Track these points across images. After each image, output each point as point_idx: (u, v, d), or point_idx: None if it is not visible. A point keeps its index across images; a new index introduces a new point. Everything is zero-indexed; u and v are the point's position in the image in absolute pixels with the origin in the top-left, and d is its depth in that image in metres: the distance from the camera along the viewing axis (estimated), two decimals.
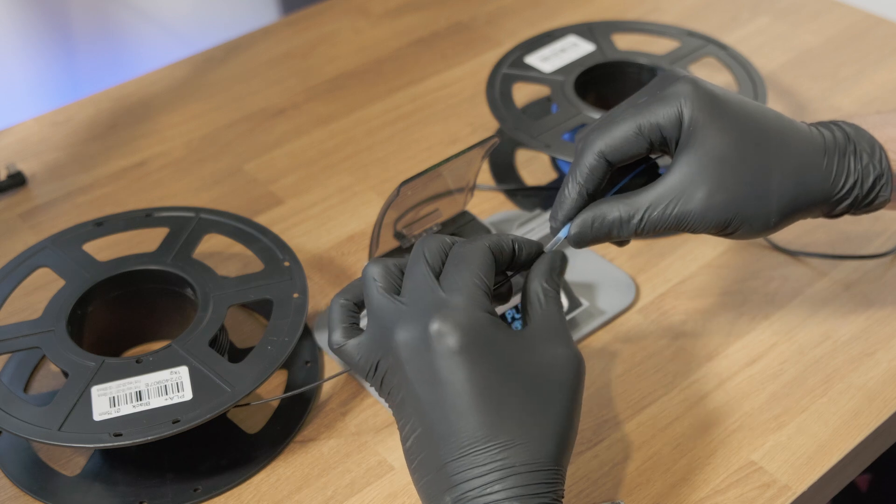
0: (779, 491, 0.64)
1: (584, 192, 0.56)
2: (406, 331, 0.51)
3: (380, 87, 1.03)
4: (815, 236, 0.82)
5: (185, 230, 0.75)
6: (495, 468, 0.49)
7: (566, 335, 0.53)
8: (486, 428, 0.50)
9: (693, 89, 0.55)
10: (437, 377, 0.50)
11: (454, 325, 0.50)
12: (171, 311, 0.74)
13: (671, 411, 0.69)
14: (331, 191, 0.90)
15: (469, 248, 0.53)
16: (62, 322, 0.68)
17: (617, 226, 0.56)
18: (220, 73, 1.06)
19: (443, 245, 0.54)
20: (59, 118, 1.01)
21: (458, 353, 0.50)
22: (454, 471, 0.50)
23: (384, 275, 0.54)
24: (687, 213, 0.55)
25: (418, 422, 0.51)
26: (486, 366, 0.50)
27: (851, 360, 0.72)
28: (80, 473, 0.67)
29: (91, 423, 0.62)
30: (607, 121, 0.56)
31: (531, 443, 0.50)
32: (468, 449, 0.50)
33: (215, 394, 0.63)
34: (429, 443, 0.51)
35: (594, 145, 0.56)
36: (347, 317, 0.56)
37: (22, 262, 0.73)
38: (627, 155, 0.56)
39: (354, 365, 0.54)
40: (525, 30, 1.09)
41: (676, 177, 0.55)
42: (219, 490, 0.65)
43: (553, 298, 0.54)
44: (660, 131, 0.55)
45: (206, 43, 1.11)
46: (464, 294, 0.51)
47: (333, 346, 0.55)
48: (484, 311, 0.51)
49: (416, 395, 0.51)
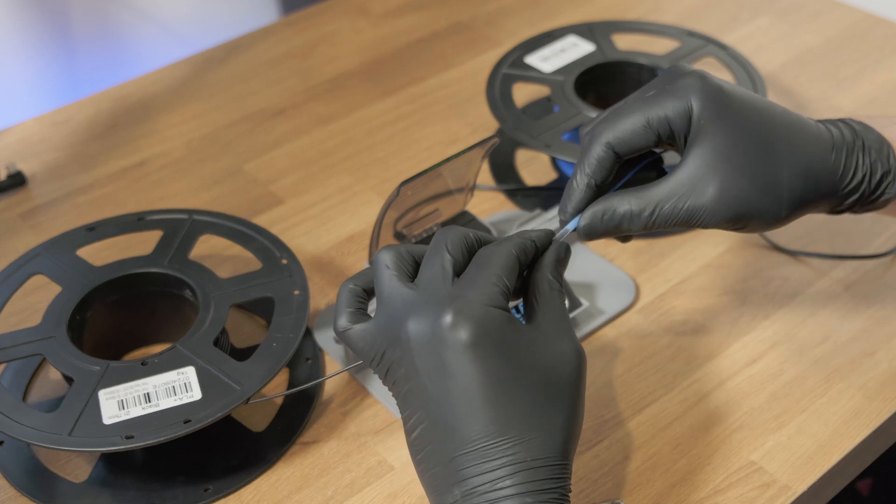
0: (779, 491, 0.64)
1: (593, 184, 0.56)
2: (418, 321, 0.51)
3: (380, 87, 1.03)
4: (815, 236, 0.82)
5: (180, 232, 0.75)
6: (505, 463, 0.49)
7: (570, 329, 0.53)
8: (496, 423, 0.49)
9: (702, 83, 0.55)
10: (448, 370, 0.50)
11: (467, 319, 0.50)
12: (171, 314, 0.74)
13: (671, 411, 0.69)
14: (331, 191, 0.90)
15: (496, 252, 0.53)
16: (62, 328, 0.68)
17: (628, 219, 0.55)
18: (220, 73, 1.06)
19: (465, 238, 0.54)
20: (59, 118, 1.01)
21: (470, 346, 0.50)
22: (463, 464, 0.50)
23: (396, 261, 0.54)
24: (699, 208, 0.54)
25: (425, 414, 0.51)
26: (497, 361, 0.50)
27: (851, 360, 0.72)
28: (88, 479, 0.67)
29: (101, 427, 0.62)
30: (615, 113, 0.56)
31: (541, 438, 0.50)
32: (478, 443, 0.49)
33: (224, 392, 0.64)
34: (436, 435, 0.50)
35: (602, 136, 0.55)
36: (355, 301, 0.55)
37: (16, 269, 0.73)
38: (635, 147, 0.55)
39: (358, 351, 0.54)
40: (525, 30, 1.09)
41: (687, 171, 0.55)
42: (230, 489, 0.65)
43: (558, 291, 0.54)
44: (668, 124, 0.55)
45: (206, 43, 1.11)
46: (479, 290, 0.51)
47: (338, 329, 0.54)
48: (497, 307, 0.51)
49: (424, 387, 0.51)
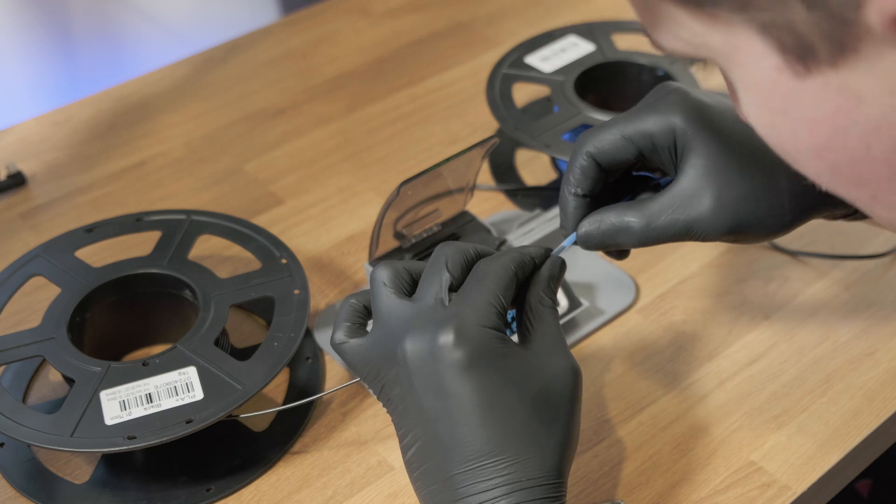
0: (779, 491, 0.64)
1: (579, 192, 0.56)
2: (415, 341, 0.51)
3: (380, 87, 1.03)
4: (815, 236, 0.82)
5: (178, 233, 0.75)
6: (501, 483, 0.49)
7: (565, 346, 0.53)
8: (492, 443, 0.50)
9: (682, 99, 0.55)
10: (445, 390, 0.50)
11: (464, 340, 0.50)
12: (170, 314, 0.74)
13: (671, 411, 0.69)
14: (331, 191, 0.90)
15: (493, 267, 0.53)
16: (62, 329, 0.67)
17: (624, 231, 0.55)
18: (220, 73, 1.06)
19: (465, 255, 0.54)
20: (59, 118, 1.01)
21: (467, 367, 0.50)
22: (460, 483, 0.50)
23: (394, 278, 0.54)
24: (697, 218, 0.53)
25: (421, 432, 0.51)
26: (493, 381, 0.50)
27: (851, 360, 0.72)
28: (89, 481, 0.67)
29: (103, 428, 0.62)
30: (601, 125, 0.56)
31: (537, 457, 0.50)
32: (474, 462, 0.50)
33: (226, 392, 0.64)
34: (433, 454, 0.51)
35: (583, 146, 0.56)
36: (354, 316, 0.55)
37: (14, 271, 0.73)
38: (616, 159, 0.55)
39: (353, 366, 0.54)
40: (525, 30, 1.09)
41: (682, 184, 0.54)
42: (232, 489, 0.65)
43: (551, 308, 0.54)
44: (650, 139, 0.55)
45: (206, 43, 1.11)
46: (476, 309, 0.51)
47: (335, 342, 0.55)
48: (492, 328, 0.51)
49: (420, 406, 0.51)
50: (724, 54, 0.40)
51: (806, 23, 0.36)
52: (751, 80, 0.40)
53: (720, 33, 0.39)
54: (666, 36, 0.42)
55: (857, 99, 0.37)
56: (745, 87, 0.41)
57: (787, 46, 0.37)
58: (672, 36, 0.41)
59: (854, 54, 0.36)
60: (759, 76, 0.39)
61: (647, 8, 0.41)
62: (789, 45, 0.37)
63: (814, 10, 0.35)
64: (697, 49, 0.41)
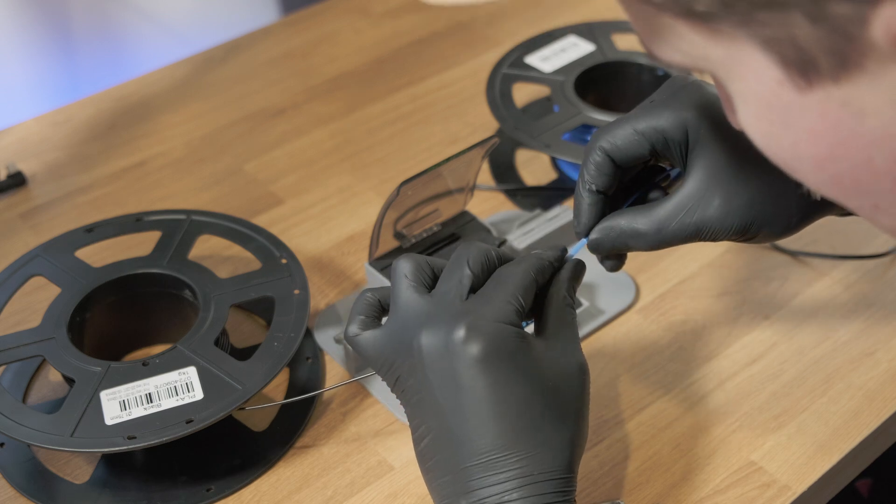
0: (779, 491, 0.64)
1: (594, 189, 0.56)
2: (431, 334, 0.51)
3: (380, 87, 1.03)
4: (815, 236, 0.82)
5: (178, 233, 0.75)
6: (513, 476, 0.50)
7: (578, 345, 0.54)
8: (505, 437, 0.50)
9: (696, 94, 0.55)
10: (459, 383, 0.50)
11: (480, 334, 0.50)
12: (170, 314, 0.74)
13: (671, 411, 0.69)
14: (331, 191, 0.90)
15: (514, 271, 0.53)
16: (62, 329, 0.67)
17: (635, 237, 0.55)
18: (220, 73, 1.06)
19: (486, 255, 0.54)
20: (59, 118, 1.01)
21: (481, 361, 0.50)
22: (472, 476, 0.50)
23: (415, 271, 0.54)
24: (706, 220, 0.54)
25: (435, 424, 0.51)
26: (508, 376, 0.51)
27: (851, 360, 0.72)
28: (89, 481, 0.67)
29: (103, 428, 0.62)
30: (616, 121, 0.56)
31: (548, 452, 0.51)
32: (487, 456, 0.50)
33: (226, 392, 0.64)
34: (445, 446, 0.51)
35: (597, 142, 0.56)
36: (369, 310, 0.55)
37: (14, 271, 0.73)
38: (630, 155, 0.55)
39: (367, 358, 0.54)
40: (525, 30, 1.09)
41: (691, 185, 0.54)
42: (232, 489, 0.65)
43: (571, 307, 0.55)
44: (663, 135, 0.55)
45: (206, 43, 1.11)
46: (493, 307, 0.51)
47: (349, 335, 0.55)
48: (509, 324, 0.51)
49: (434, 399, 0.51)
50: (724, 67, 0.40)
51: (809, 37, 0.36)
52: (750, 92, 0.40)
53: (721, 47, 0.39)
54: (664, 48, 0.41)
55: (860, 112, 0.37)
56: (744, 99, 0.40)
57: (790, 60, 0.37)
58: (671, 48, 0.41)
59: (858, 69, 0.36)
60: (760, 89, 0.39)
61: (646, 20, 0.41)
62: (791, 59, 0.37)
63: (818, 25, 0.35)
64: (696, 61, 0.41)
